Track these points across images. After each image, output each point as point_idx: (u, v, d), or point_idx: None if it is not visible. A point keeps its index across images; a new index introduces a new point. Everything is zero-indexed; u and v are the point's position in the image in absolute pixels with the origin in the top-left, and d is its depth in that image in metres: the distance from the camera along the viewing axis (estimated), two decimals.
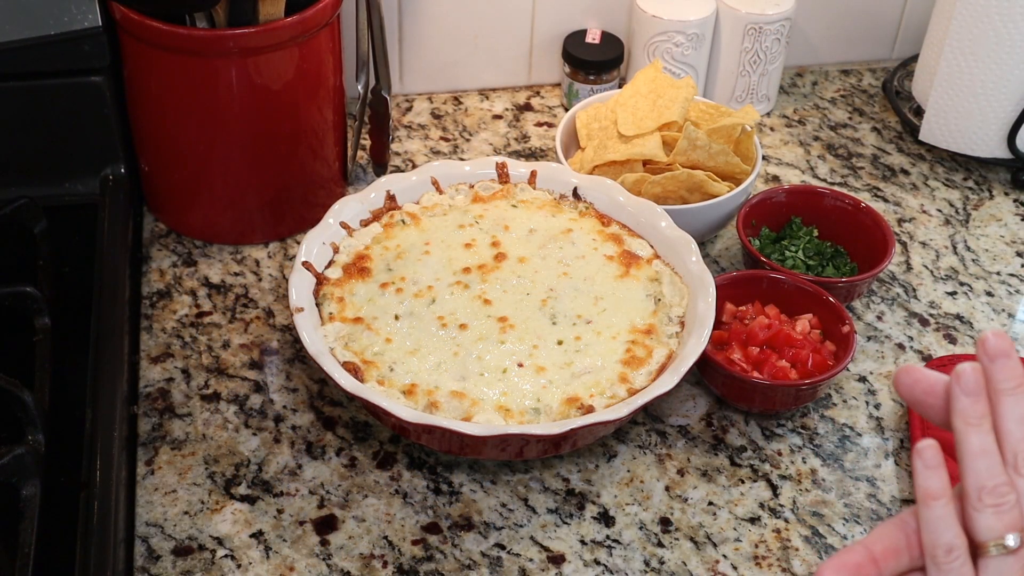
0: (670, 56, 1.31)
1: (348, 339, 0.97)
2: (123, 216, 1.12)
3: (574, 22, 1.36)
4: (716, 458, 0.98)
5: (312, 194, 1.17)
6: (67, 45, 1.06)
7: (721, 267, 1.17)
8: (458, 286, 1.01)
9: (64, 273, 1.06)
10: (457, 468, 0.96)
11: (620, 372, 0.95)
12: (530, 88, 1.41)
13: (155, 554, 0.88)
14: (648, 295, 1.02)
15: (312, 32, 1.06)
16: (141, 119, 1.12)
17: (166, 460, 0.95)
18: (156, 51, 1.04)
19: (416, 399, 0.92)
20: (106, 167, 1.15)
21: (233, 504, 0.92)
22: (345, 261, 1.03)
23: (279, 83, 1.07)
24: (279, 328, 1.07)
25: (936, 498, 0.62)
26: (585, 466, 0.96)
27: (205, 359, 1.04)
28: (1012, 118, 1.25)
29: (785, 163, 1.31)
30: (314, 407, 1.00)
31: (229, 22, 1.05)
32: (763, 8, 1.29)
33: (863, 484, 0.96)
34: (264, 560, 0.88)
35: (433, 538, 0.90)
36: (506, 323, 0.98)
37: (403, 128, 1.34)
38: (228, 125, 1.08)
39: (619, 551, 0.90)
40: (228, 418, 0.99)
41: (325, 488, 0.93)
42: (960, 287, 1.16)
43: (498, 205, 1.09)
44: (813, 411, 1.02)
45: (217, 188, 1.13)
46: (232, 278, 1.13)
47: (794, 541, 0.92)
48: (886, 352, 1.08)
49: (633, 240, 1.07)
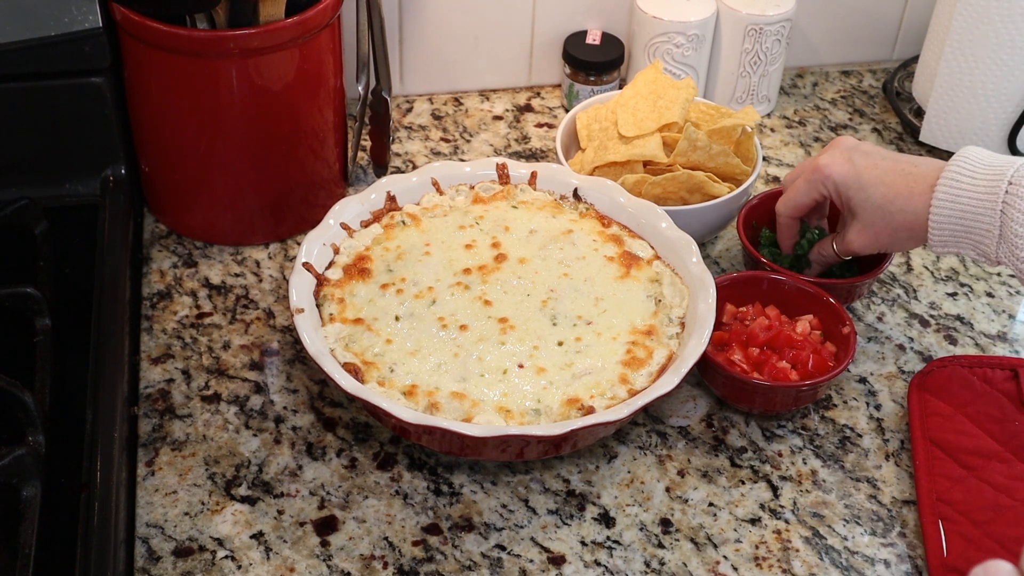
0: (670, 57, 1.31)
1: (348, 340, 0.96)
2: (123, 217, 1.12)
3: (574, 23, 1.36)
4: (716, 459, 0.98)
5: (312, 195, 1.17)
6: (68, 46, 1.06)
7: (721, 268, 1.17)
8: (459, 287, 1.01)
9: (65, 274, 1.06)
10: (457, 469, 0.95)
11: (620, 373, 0.95)
12: (530, 89, 1.41)
13: (155, 555, 0.88)
14: (648, 296, 1.02)
15: (312, 33, 1.06)
16: (141, 120, 1.12)
17: (166, 461, 0.95)
18: (156, 52, 1.04)
19: (416, 400, 0.92)
20: (107, 168, 1.15)
21: (233, 505, 0.92)
22: (345, 262, 1.03)
23: (279, 84, 1.07)
24: (279, 329, 1.07)
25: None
26: (585, 467, 0.96)
27: (205, 360, 1.04)
28: (1012, 119, 1.25)
29: (786, 164, 1.31)
30: (314, 408, 1.00)
31: (229, 23, 1.05)
32: (763, 9, 1.29)
33: (863, 485, 0.96)
34: (264, 561, 0.88)
35: (433, 539, 0.90)
36: (506, 324, 0.98)
37: (403, 129, 1.34)
38: (228, 126, 1.08)
39: (619, 552, 0.90)
40: (228, 419, 0.99)
41: (325, 489, 0.93)
42: (960, 288, 1.16)
43: (498, 206, 1.09)
44: (813, 412, 1.02)
45: (217, 189, 1.13)
46: (232, 279, 1.13)
47: (794, 542, 0.91)
48: (886, 353, 1.08)
49: (633, 241, 1.07)
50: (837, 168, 1.00)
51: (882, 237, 0.99)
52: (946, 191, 0.93)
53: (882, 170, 0.98)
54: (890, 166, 0.98)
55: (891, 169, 0.97)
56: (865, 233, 1.00)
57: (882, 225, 0.98)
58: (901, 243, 0.99)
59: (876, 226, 0.98)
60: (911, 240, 0.98)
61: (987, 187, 0.91)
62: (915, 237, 0.97)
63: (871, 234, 0.99)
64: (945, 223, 0.94)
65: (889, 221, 0.97)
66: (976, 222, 0.92)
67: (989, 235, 0.92)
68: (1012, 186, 0.90)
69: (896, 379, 1.06)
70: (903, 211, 0.96)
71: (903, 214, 0.96)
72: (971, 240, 0.93)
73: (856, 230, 1.00)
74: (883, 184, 0.97)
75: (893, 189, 0.96)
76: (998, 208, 0.90)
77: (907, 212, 0.96)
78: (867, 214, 0.98)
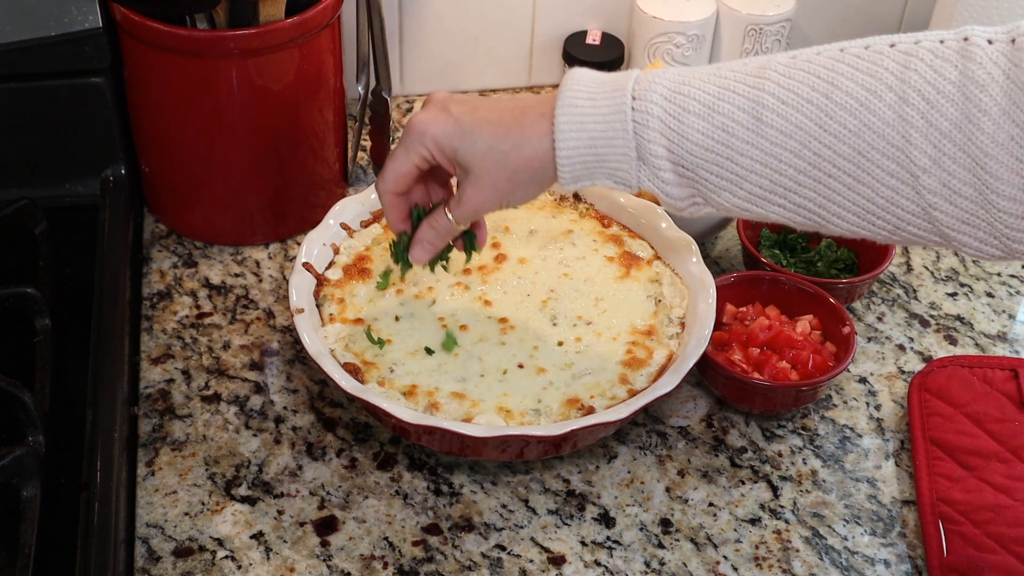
0: (671, 57, 1.31)
1: (348, 340, 0.97)
2: (124, 217, 1.12)
3: (574, 23, 1.36)
4: (716, 459, 0.98)
5: (312, 195, 1.17)
6: (68, 46, 1.06)
7: (721, 268, 1.17)
8: (458, 287, 1.01)
9: (65, 274, 1.06)
10: (457, 469, 0.96)
11: (620, 373, 0.95)
12: (530, 89, 1.41)
13: (155, 555, 0.88)
14: (648, 296, 1.02)
15: (312, 33, 1.06)
16: (142, 120, 1.12)
17: (166, 461, 0.95)
18: (156, 52, 1.04)
19: (416, 400, 0.92)
20: (107, 168, 1.15)
21: (233, 505, 0.92)
22: (345, 262, 1.03)
23: (279, 84, 1.07)
24: (279, 329, 1.07)
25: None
26: (585, 467, 0.96)
27: (205, 360, 1.04)
28: None
29: None
30: (314, 408, 1.00)
31: (229, 23, 1.05)
32: (763, 9, 1.29)
33: (863, 485, 0.96)
34: (264, 561, 0.88)
35: (433, 539, 0.90)
36: (506, 324, 0.98)
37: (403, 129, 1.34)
38: (229, 126, 1.08)
39: (619, 552, 0.90)
40: (228, 419, 0.99)
41: (325, 489, 0.93)
42: (961, 288, 1.16)
43: None
44: (814, 412, 1.02)
45: (218, 189, 1.13)
46: (232, 279, 1.13)
47: (795, 542, 0.91)
48: (886, 353, 1.08)
49: (633, 241, 1.07)
50: (432, 122, 0.85)
51: (501, 185, 0.85)
52: (567, 118, 0.81)
53: (484, 111, 0.85)
54: (491, 105, 0.85)
55: (494, 108, 0.85)
56: (480, 186, 0.85)
57: (498, 170, 0.84)
58: (524, 188, 0.85)
59: (492, 173, 0.84)
60: (534, 183, 0.85)
61: (609, 106, 0.80)
62: (538, 178, 0.84)
63: (488, 184, 0.85)
64: (574, 154, 0.81)
65: (504, 163, 0.84)
66: (609, 147, 0.80)
67: (625, 159, 0.80)
68: (637, 101, 0.79)
69: (896, 379, 1.06)
70: (519, 147, 0.83)
71: (519, 151, 0.83)
72: (606, 168, 0.82)
73: (471, 186, 0.86)
74: (489, 123, 0.84)
75: (502, 127, 0.83)
76: (630, 129, 0.79)
77: (524, 147, 0.83)
78: (478, 161, 0.84)
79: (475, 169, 0.85)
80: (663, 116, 0.78)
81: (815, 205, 0.76)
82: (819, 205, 0.76)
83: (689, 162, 0.78)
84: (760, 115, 0.75)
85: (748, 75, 0.77)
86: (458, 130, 0.85)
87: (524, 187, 0.85)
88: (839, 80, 0.73)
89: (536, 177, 0.84)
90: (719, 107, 0.77)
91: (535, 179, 0.84)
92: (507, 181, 0.85)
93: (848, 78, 0.73)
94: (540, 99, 0.84)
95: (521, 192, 0.86)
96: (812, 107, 0.74)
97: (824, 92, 0.74)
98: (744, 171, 0.77)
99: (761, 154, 0.76)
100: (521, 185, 0.85)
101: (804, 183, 0.76)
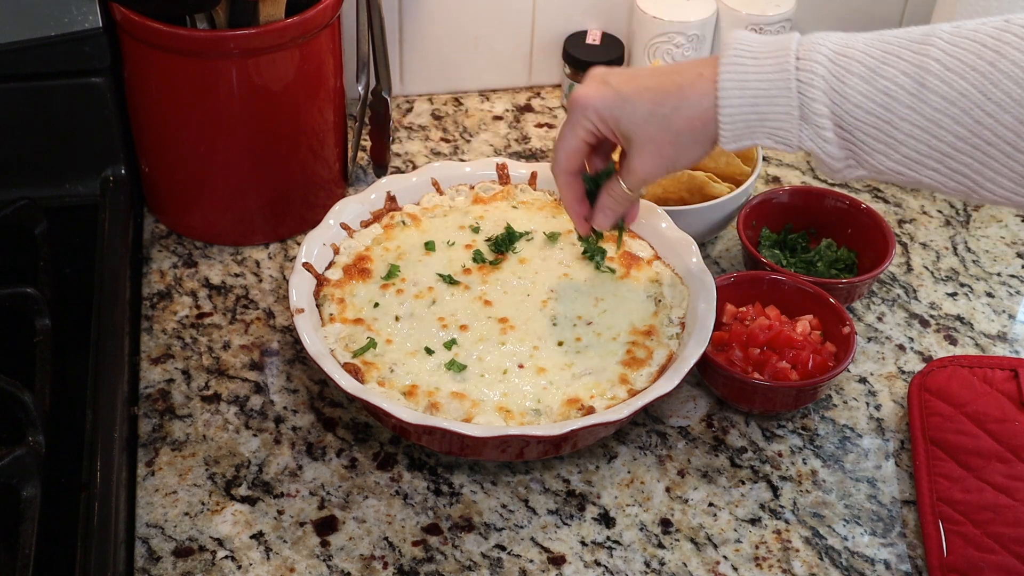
0: (670, 57, 1.31)
1: (349, 340, 0.97)
2: (123, 217, 1.12)
3: (574, 23, 1.36)
4: (716, 459, 0.98)
5: (312, 195, 1.17)
6: (68, 46, 1.06)
7: (722, 268, 1.17)
8: (459, 287, 1.01)
9: (64, 274, 1.06)
10: (458, 469, 0.96)
11: (620, 373, 0.95)
12: (530, 89, 1.41)
13: (155, 555, 0.88)
14: (649, 296, 1.02)
15: (312, 33, 1.06)
16: (141, 120, 1.12)
17: (166, 461, 0.95)
18: (156, 52, 1.04)
19: (417, 400, 0.92)
20: (106, 168, 1.15)
21: (233, 505, 0.92)
22: (345, 262, 1.03)
23: (279, 84, 1.07)
24: (279, 329, 1.07)
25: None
26: (585, 467, 0.96)
27: (205, 360, 1.04)
28: None
29: (786, 164, 1.31)
30: (314, 408, 1.00)
31: (229, 23, 1.05)
32: (763, 9, 1.29)
33: (863, 485, 0.96)
34: (264, 561, 0.88)
35: (433, 539, 0.90)
36: (507, 324, 0.98)
37: (403, 129, 1.34)
38: (228, 126, 1.08)
39: (619, 552, 0.90)
40: (228, 419, 0.99)
41: (325, 489, 0.93)
42: (961, 288, 1.16)
43: (499, 206, 1.09)
44: (813, 412, 1.02)
45: (217, 189, 1.13)
46: (232, 279, 1.13)
47: (794, 542, 0.91)
48: (886, 353, 1.08)
49: (633, 241, 1.07)
50: (593, 94, 0.88)
51: (665, 150, 0.87)
52: (730, 76, 0.82)
53: (642, 79, 0.87)
54: (649, 73, 0.88)
55: (651, 74, 0.87)
56: (645, 152, 0.88)
57: (660, 135, 0.86)
58: (687, 150, 0.87)
59: (655, 139, 0.86)
60: (697, 144, 0.86)
61: (773, 65, 0.81)
62: (700, 139, 0.86)
63: (653, 150, 0.87)
64: (736, 113, 0.83)
65: (666, 127, 0.86)
66: (771, 106, 0.82)
67: (788, 118, 0.82)
68: (801, 61, 0.80)
69: (896, 379, 1.06)
70: (679, 109, 0.85)
71: (680, 112, 0.85)
72: (767, 127, 0.83)
73: (637, 153, 0.88)
74: (648, 89, 0.86)
75: (661, 91, 0.85)
76: (793, 88, 0.80)
77: (684, 108, 0.85)
78: (640, 128, 0.87)
79: (638, 137, 0.87)
80: (827, 76, 0.80)
81: (971, 171, 0.77)
82: (975, 171, 0.77)
83: (849, 123, 0.80)
84: (924, 80, 0.77)
85: (912, 41, 0.78)
86: (618, 99, 0.87)
87: (687, 149, 0.87)
88: (1005, 49, 0.75)
89: (698, 138, 0.86)
90: (882, 70, 0.78)
91: (697, 140, 0.86)
92: (670, 145, 0.87)
93: (1015, 47, 0.74)
94: (697, 62, 0.86)
95: (685, 155, 0.88)
96: (977, 75, 0.75)
97: (990, 60, 0.75)
98: (903, 135, 0.78)
99: (921, 119, 0.77)
100: (684, 148, 0.87)
101: (962, 149, 0.77)
